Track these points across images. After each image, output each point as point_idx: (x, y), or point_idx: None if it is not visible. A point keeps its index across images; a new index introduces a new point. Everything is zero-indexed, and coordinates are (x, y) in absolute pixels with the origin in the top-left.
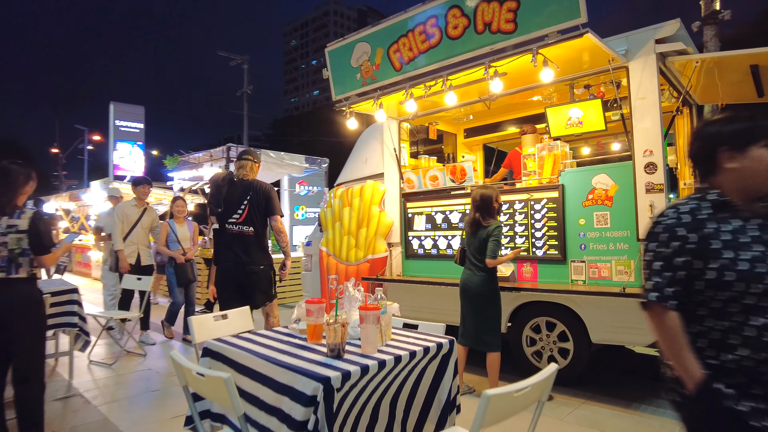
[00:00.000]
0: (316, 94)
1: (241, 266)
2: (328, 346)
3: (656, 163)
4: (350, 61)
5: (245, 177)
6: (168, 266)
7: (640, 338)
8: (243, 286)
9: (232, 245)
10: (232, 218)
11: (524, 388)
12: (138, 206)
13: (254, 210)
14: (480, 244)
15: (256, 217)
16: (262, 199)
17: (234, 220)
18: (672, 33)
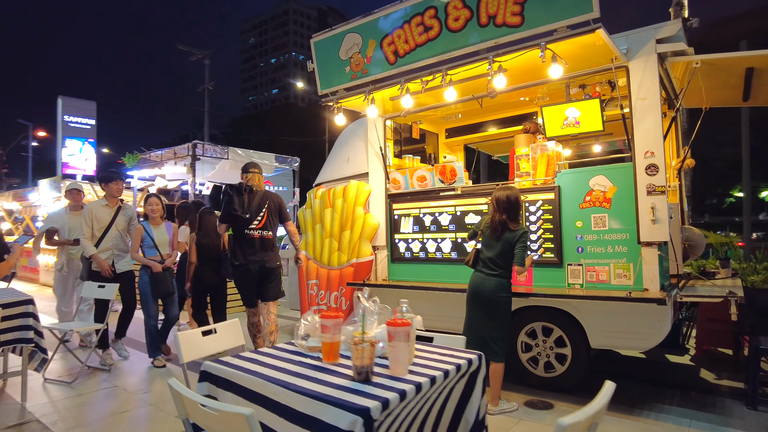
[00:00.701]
0: (275, 93)
1: (263, 265)
2: (356, 368)
3: (657, 164)
4: (339, 53)
5: (258, 188)
6: (142, 275)
7: (641, 343)
8: (263, 283)
9: (255, 248)
10: (252, 224)
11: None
12: (110, 206)
13: (271, 216)
14: (504, 248)
15: (271, 223)
16: (276, 207)
17: (254, 226)
18: (673, 33)
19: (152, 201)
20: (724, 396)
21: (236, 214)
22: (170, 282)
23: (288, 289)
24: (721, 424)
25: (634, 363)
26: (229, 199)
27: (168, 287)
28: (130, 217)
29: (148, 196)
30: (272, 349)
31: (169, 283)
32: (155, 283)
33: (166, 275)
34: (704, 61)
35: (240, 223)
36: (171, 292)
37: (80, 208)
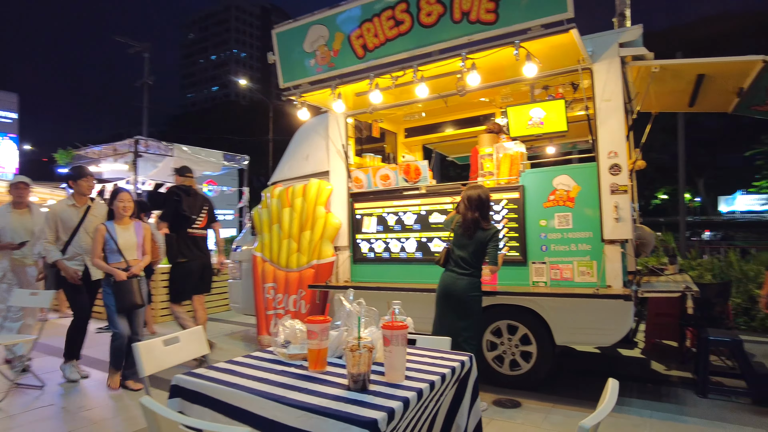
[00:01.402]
0: (215, 91)
1: (203, 262)
2: (351, 376)
3: (621, 164)
4: (303, 45)
5: (199, 190)
6: (104, 286)
7: (604, 338)
8: (202, 279)
9: (198, 246)
10: (195, 224)
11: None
12: (77, 205)
13: (209, 217)
14: (477, 248)
15: (208, 223)
16: (211, 208)
17: (197, 226)
18: (635, 38)
19: (124, 197)
20: (676, 386)
21: (185, 215)
22: (138, 292)
23: (241, 294)
24: (678, 413)
25: (590, 358)
26: (179, 200)
27: (134, 299)
28: (102, 215)
29: (117, 190)
30: (249, 358)
31: (136, 293)
32: (120, 294)
33: (132, 285)
34: (662, 66)
35: (185, 223)
36: (138, 304)
37: (26, 205)
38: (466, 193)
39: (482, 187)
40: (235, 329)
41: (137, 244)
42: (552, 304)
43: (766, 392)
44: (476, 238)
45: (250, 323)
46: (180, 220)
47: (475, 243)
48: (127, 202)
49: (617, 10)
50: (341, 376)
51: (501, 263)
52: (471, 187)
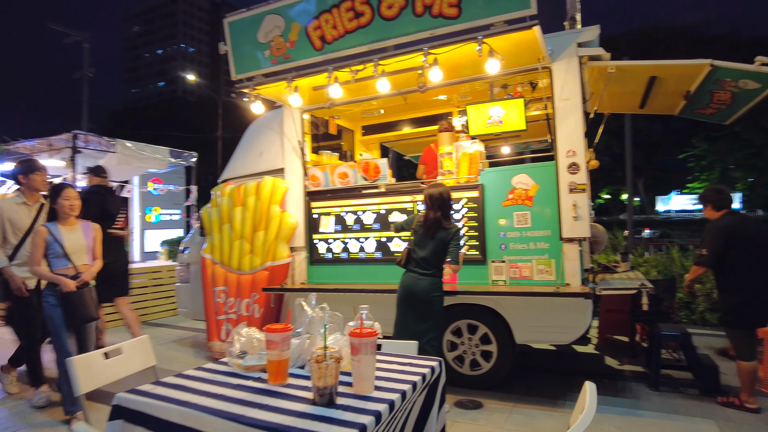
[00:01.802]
0: (161, 86)
1: (122, 263)
2: (317, 389)
3: (579, 163)
4: (257, 35)
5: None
6: (47, 297)
7: (564, 336)
8: (122, 279)
9: (120, 247)
10: (116, 224)
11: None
12: (29, 203)
13: (127, 218)
14: (438, 247)
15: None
16: (127, 209)
17: (117, 226)
18: (593, 38)
19: (69, 194)
20: (630, 381)
21: (110, 214)
22: (91, 304)
23: (190, 298)
24: (634, 408)
25: (546, 355)
26: (104, 200)
27: (87, 312)
28: None
29: (59, 186)
30: (201, 371)
31: (89, 305)
32: (69, 306)
33: (84, 295)
34: (617, 67)
35: (109, 223)
36: (91, 317)
37: None
38: (428, 191)
39: (443, 185)
40: (183, 335)
41: (87, 246)
42: (512, 302)
43: (711, 383)
44: (438, 238)
45: (199, 328)
46: (104, 220)
47: (437, 242)
48: (73, 200)
49: (568, 14)
50: (305, 389)
51: (462, 262)
52: (432, 185)
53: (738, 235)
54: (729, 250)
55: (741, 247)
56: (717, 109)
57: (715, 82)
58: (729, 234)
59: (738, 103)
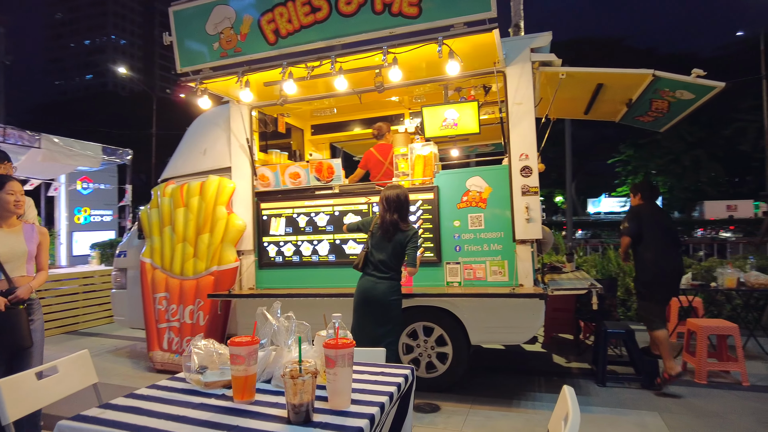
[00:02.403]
0: (89, 79)
1: None
2: (293, 407)
3: (531, 166)
4: (205, 26)
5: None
6: None
7: (518, 336)
8: None
9: None
10: None
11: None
12: None
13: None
14: (396, 250)
15: None
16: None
17: None
18: (545, 44)
19: (14, 187)
20: (578, 377)
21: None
22: (25, 326)
23: (127, 305)
24: (585, 404)
25: (496, 354)
26: None
27: (20, 336)
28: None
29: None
30: (155, 389)
31: (23, 327)
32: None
33: (15, 317)
34: (568, 73)
35: None
36: (25, 344)
37: None
38: (385, 193)
39: (401, 187)
40: (119, 345)
41: (28, 253)
42: (468, 304)
43: (653, 377)
44: (395, 240)
45: (137, 337)
46: None
47: (395, 245)
48: (19, 195)
49: (513, 20)
50: (275, 406)
51: (419, 264)
52: (389, 187)
53: (653, 219)
54: (646, 231)
55: (656, 229)
56: (654, 117)
57: (654, 91)
58: (648, 216)
59: (673, 112)
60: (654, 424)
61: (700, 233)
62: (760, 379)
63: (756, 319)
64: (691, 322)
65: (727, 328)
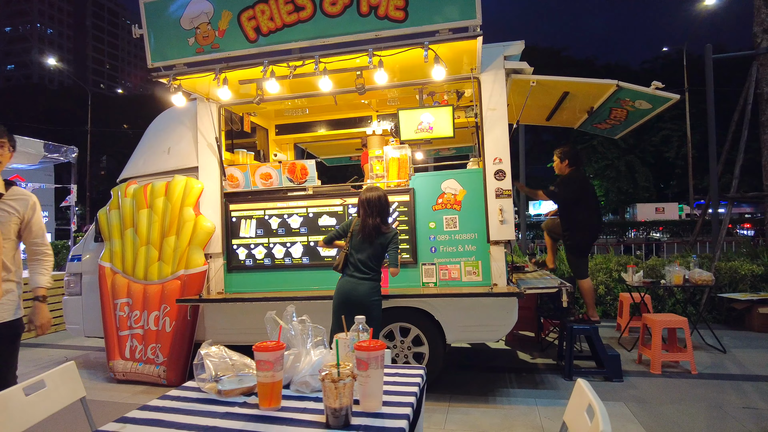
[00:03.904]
0: (10, 69)
1: None
2: (332, 411)
3: (505, 170)
4: (180, 20)
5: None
6: None
7: (492, 334)
8: None
9: None
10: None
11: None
12: None
13: None
14: (377, 251)
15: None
16: None
17: None
18: (518, 53)
19: None
20: (544, 372)
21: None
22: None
23: (82, 312)
24: (556, 397)
25: (463, 352)
26: None
27: None
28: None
29: None
30: (170, 400)
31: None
32: None
33: None
34: (538, 81)
35: None
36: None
37: None
38: (366, 195)
39: (380, 189)
40: (69, 355)
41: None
42: (444, 304)
43: (615, 370)
44: (377, 243)
45: (89, 346)
46: None
47: (376, 246)
48: None
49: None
50: (304, 411)
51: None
52: (368, 189)
53: (587, 184)
54: (582, 195)
55: (589, 194)
56: (611, 125)
57: (616, 101)
58: (583, 183)
59: (630, 121)
60: (621, 413)
61: (633, 234)
62: (705, 367)
63: (697, 313)
64: (647, 317)
65: (678, 321)
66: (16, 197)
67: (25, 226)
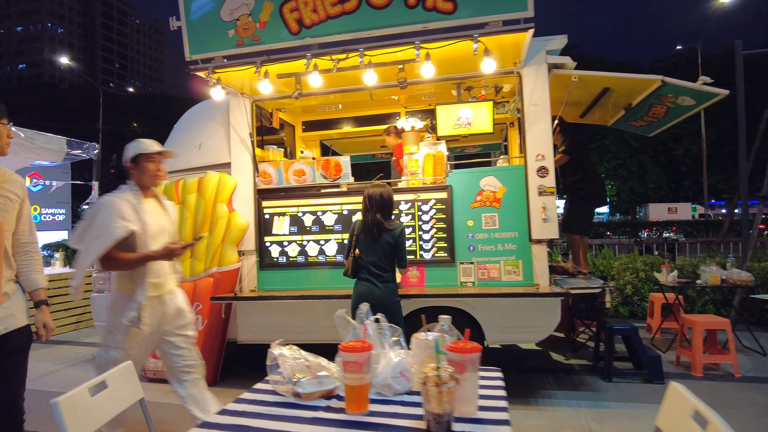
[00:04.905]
0: (22, 69)
1: None
2: (434, 417)
3: (548, 167)
4: (219, 12)
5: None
6: None
7: (534, 335)
8: None
9: None
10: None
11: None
12: None
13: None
14: (385, 249)
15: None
16: None
17: None
18: (560, 47)
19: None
20: (581, 374)
21: None
22: None
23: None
24: (599, 399)
25: (493, 354)
26: None
27: None
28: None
29: None
30: (246, 404)
31: None
32: None
33: None
34: (580, 76)
35: None
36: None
37: None
38: (368, 191)
39: (385, 185)
40: (93, 352)
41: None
42: (485, 304)
43: (655, 372)
44: (382, 240)
45: None
46: None
47: (382, 245)
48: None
49: None
50: (395, 416)
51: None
52: (373, 185)
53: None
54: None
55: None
56: (648, 122)
57: (657, 97)
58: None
59: (669, 118)
60: None
61: (645, 234)
62: (747, 370)
63: (736, 314)
64: (688, 318)
65: (720, 323)
66: (9, 180)
67: (19, 215)
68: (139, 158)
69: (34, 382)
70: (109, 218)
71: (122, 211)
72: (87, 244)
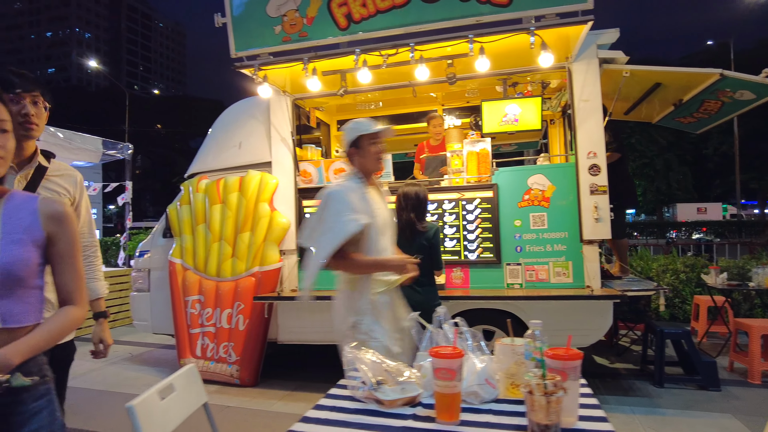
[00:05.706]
0: (51, 73)
1: None
2: (542, 429)
3: (600, 165)
4: (266, 7)
5: None
6: None
7: (585, 339)
8: None
9: None
10: None
11: None
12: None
13: None
14: (422, 251)
15: None
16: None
17: None
18: (612, 41)
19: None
20: (629, 378)
21: None
22: None
23: (151, 308)
24: (653, 406)
25: None
26: None
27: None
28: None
29: None
30: (328, 410)
31: None
32: None
33: None
34: (632, 71)
35: None
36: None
37: None
38: (403, 190)
39: (419, 184)
40: (134, 351)
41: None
42: (534, 306)
43: (711, 378)
44: (417, 242)
45: (154, 343)
46: None
47: (418, 247)
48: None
49: None
50: (490, 426)
51: None
52: (408, 184)
53: None
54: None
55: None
56: (698, 119)
57: (712, 92)
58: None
59: (721, 113)
60: (733, 426)
61: (674, 235)
62: None
63: None
64: (743, 322)
65: None
66: (61, 173)
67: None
68: (361, 140)
69: (76, 380)
70: (339, 211)
71: (353, 202)
72: (316, 241)
